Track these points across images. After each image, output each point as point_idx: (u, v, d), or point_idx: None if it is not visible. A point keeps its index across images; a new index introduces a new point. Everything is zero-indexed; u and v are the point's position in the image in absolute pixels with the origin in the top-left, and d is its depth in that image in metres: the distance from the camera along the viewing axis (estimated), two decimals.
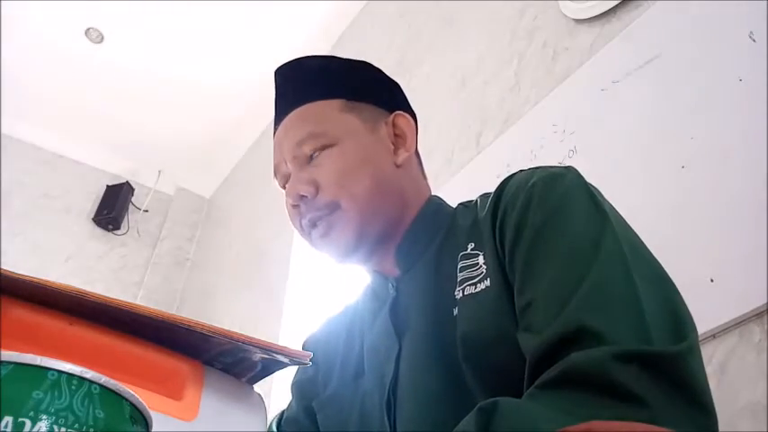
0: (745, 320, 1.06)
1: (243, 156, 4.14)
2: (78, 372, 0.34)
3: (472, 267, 0.68)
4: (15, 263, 3.26)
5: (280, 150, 0.82)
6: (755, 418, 0.97)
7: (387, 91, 0.87)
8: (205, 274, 3.90)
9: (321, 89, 0.82)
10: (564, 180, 0.66)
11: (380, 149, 0.80)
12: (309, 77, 0.84)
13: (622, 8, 1.62)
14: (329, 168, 0.76)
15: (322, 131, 0.78)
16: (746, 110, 1.20)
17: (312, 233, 0.79)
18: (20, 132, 3.88)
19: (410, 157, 0.83)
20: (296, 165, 0.79)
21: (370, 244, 0.77)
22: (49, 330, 0.54)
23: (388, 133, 0.82)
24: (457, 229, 0.75)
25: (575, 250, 0.58)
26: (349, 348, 0.81)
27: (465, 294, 0.67)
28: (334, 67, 0.87)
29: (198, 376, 0.59)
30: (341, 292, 2.64)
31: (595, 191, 0.67)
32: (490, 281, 0.65)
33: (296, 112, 0.81)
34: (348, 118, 0.80)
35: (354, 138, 0.79)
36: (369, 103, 0.83)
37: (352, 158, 0.77)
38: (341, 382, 0.78)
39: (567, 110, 1.64)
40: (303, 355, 0.63)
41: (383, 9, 3.08)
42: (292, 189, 0.78)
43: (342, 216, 0.76)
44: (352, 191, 0.75)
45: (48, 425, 0.32)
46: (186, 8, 3.31)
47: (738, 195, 1.15)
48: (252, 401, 0.63)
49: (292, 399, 0.87)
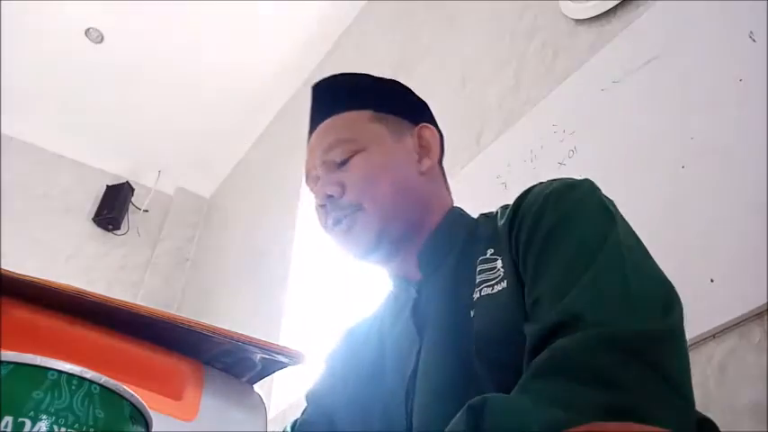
0: (745, 320, 1.06)
1: (243, 156, 4.14)
2: (78, 372, 0.34)
3: (490, 271, 0.71)
4: (15, 263, 3.25)
5: (311, 156, 0.87)
6: (755, 418, 0.97)
7: (413, 105, 0.92)
8: (205, 274, 3.90)
9: (351, 101, 0.87)
10: (578, 189, 0.71)
11: (405, 157, 0.85)
12: (341, 91, 0.90)
13: (622, 8, 1.62)
14: (355, 171, 0.81)
15: (351, 138, 0.83)
16: (746, 110, 1.20)
17: (336, 230, 0.82)
18: (20, 132, 3.88)
19: (434, 167, 0.88)
20: (325, 168, 0.84)
21: (390, 244, 0.81)
22: (49, 330, 0.54)
23: (414, 143, 0.87)
24: (477, 237, 0.78)
25: (579, 251, 0.62)
26: (368, 354, 0.84)
27: (482, 295, 0.70)
28: (365, 82, 0.93)
29: (198, 376, 0.59)
30: (340, 293, 2.64)
31: (608, 201, 0.70)
32: (506, 283, 0.68)
33: (327, 122, 0.86)
34: (376, 127, 0.85)
35: (381, 145, 0.84)
36: (396, 115, 0.88)
37: (378, 163, 0.82)
38: (363, 382, 0.81)
39: (567, 110, 1.64)
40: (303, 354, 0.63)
41: (383, 9, 3.08)
42: (320, 190, 0.83)
43: (364, 215, 0.80)
44: (376, 192, 0.80)
45: (48, 425, 0.32)
46: (186, 8, 3.31)
47: (738, 195, 1.15)
48: (252, 401, 0.63)
49: (308, 406, 0.89)
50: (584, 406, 0.47)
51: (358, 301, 2.46)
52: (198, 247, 4.19)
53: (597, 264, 0.59)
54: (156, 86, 3.74)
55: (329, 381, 0.89)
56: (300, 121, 3.90)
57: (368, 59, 3.03)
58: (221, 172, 4.29)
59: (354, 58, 3.19)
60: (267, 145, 3.88)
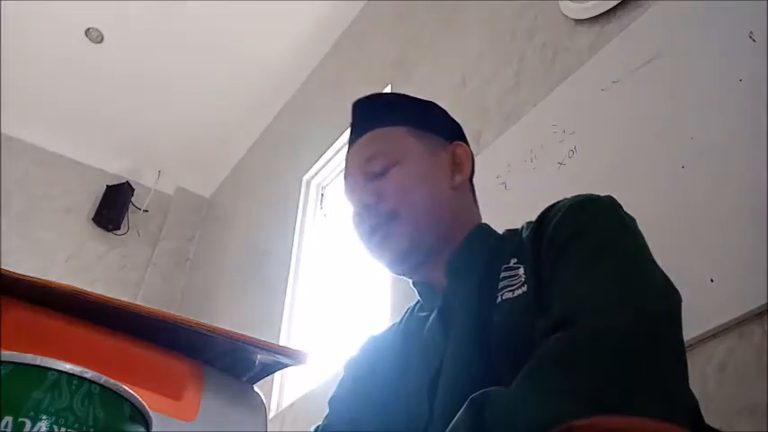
0: (745, 320, 1.06)
1: (243, 156, 4.14)
2: (78, 372, 0.34)
3: (513, 277, 0.74)
4: (15, 263, 3.26)
5: (350, 167, 0.92)
6: (755, 418, 0.97)
7: (448, 125, 0.97)
8: (205, 274, 3.90)
9: (390, 117, 0.92)
10: (597, 202, 0.74)
11: (439, 172, 0.89)
12: (381, 107, 0.96)
13: (622, 8, 1.62)
14: (392, 182, 0.86)
15: (388, 151, 0.88)
16: (746, 110, 1.20)
17: (371, 239, 0.86)
18: (20, 132, 3.88)
19: (465, 183, 0.92)
20: (362, 179, 0.89)
21: (421, 255, 0.84)
22: (49, 330, 0.54)
23: (447, 159, 0.91)
24: (503, 250, 0.81)
25: (589, 259, 0.66)
26: (392, 359, 0.86)
27: (503, 299, 0.73)
28: (403, 100, 0.98)
29: (198, 376, 0.59)
30: (341, 292, 2.64)
31: (627, 216, 0.73)
32: (527, 287, 0.71)
33: (367, 135, 0.92)
34: (412, 142, 0.89)
35: (416, 159, 0.88)
36: (431, 132, 0.92)
37: (413, 176, 0.86)
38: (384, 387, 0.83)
39: (567, 110, 1.64)
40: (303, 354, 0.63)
41: (383, 9, 3.08)
42: (358, 198, 0.88)
43: (399, 224, 0.84)
44: (411, 202, 0.84)
45: (48, 425, 0.32)
46: (186, 8, 3.32)
47: (738, 195, 1.15)
48: (252, 401, 0.63)
49: (330, 412, 0.91)
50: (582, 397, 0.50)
51: (358, 300, 2.46)
52: (198, 247, 4.19)
53: (603, 267, 0.64)
54: (156, 86, 3.74)
55: (351, 386, 0.91)
56: (300, 121, 3.91)
57: (368, 60, 3.03)
58: (221, 172, 4.29)
59: (354, 59, 3.19)
60: (267, 145, 3.88)
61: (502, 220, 0.89)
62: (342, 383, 0.93)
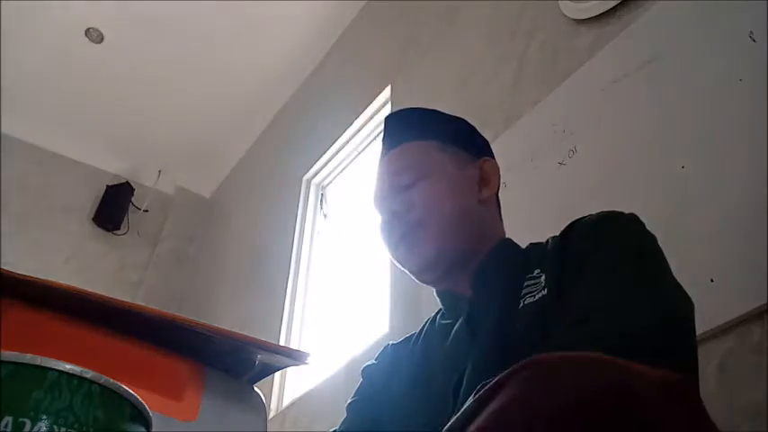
0: (745, 320, 1.06)
1: (243, 156, 4.14)
2: (78, 372, 0.34)
3: (534, 285, 0.77)
4: (15, 263, 3.26)
5: (381, 179, 0.94)
6: (755, 418, 0.97)
7: (476, 140, 1.00)
8: (205, 274, 3.90)
9: (421, 131, 0.95)
10: (619, 219, 0.77)
11: (467, 186, 0.91)
12: (413, 122, 0.98)
13: (622, 8, 1.62)
14: (422, 193, 0.88)
15: (418, 164, 0.90)
16: (746, 110, 1.20)
17: (399, 246, 0.89)
18: (20, 132, 3.88)
19: (492, 198, 0.94)
20: (393, 190, 0.91)
21: (447, 264, 0.86)
22: (49, 330, 0.54)
23: (475, 174, 0.93)
24: (527, 261, 0.83)
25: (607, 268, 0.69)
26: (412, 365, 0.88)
27: (525, 304, 0.75)
28: (434, 116, 1.00)
29: (198, 376, 0.59)
30: (340, 292, 2.64)
31: (649, 233, 0.75)
32: (547, 290, 0.74)
33: (398, 149, 0.94)
34: (441, 156, 0.92)
35: (445, 172, 0.90)
36: (460, 147, 0.95)
37: (443, 188, 0.89)
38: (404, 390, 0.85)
39: (567, 110, 1.64)
40: (303, 354, 0.63)
41: (383, 9, 3.08)
42: (387, 207, 0.91)
43: (427, 233, 0.86)
44: (440, 213, 0.86)
45: (48, 425, 0.32)
46: (186, 8, 3.31)
47: (738, 195, 1.15)
48: (252, 401, 0.63)
49: (348, 416, 0.92)
50: None
51: (357, 300, 2.46)
52: (198, 246, 4.19)
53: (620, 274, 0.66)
54: (155, 86, 3.74)
55: (369, 391, 0.92)
56: (300, 121, 3.91)
57: (368, 60, 3.03)
58: (221, 172, 4.29)
59: (354, 59, 3.19)
60: (267, 145, 3.88)
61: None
62: (360, 389, 0.95)
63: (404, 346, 0.95)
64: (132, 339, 0.58)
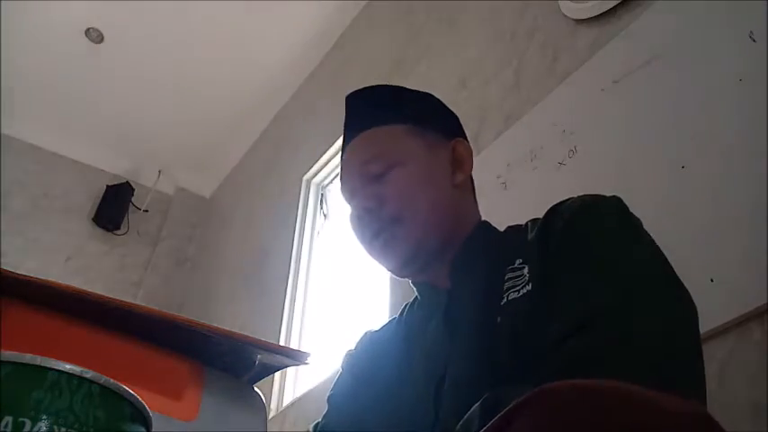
0: (745, 320, 1.06)
1: (243, 156, 4.14)
2: (78, 372, 0.34)
3: (517, 278, 0.73)
4: (15, 263, 3.26)
5: (348, 168, 0.89)
6: (755, 418, 0.97)
7: (447, 120, 0.95)
8: (205, 274, 3.90)
9: (389, 115, 0.89)
10: (604, 204, 0.73)
11: (440, 171, 0.87)
12: (378, 104, 0.92)
13: (622, 8, 1.62)
14: (394, 185, 0.83)
15: (388, 152, 0.85)
16: (746, 110, 1.20)
17: (374, 243, 0.84)
18: (20, 132, 3.88)
19: (466, 181, 0.90)
20: (363, 181, 0.86)
21: (426, 257, 0.83)
22: (49, 330, 0.54)
23: (448, 157, 0.89)
24: (506, 248, 0.79)
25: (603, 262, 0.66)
26: (393, 357, 0.85)
27: (508, 300, 0.72)
28: (400, 95, 0.95)
29: (198, 376, 0.59)
30: (340, 292, 2.64)
31: (634, 218, 0.72)
32: (531, 286, 0.71)
33: (364, 134, 0.88)
34: (411, 141, 0.87)
35: (417, 159, 0.85)
36: (430, 129, 0.89)
37: (416, 177, 0.84)
38: (387, 387, 0.82)
39: (567, 110, 1.64)
40: (303, 354, 0.63)
41: (383, 9, 3.08)
42: (358, 202, 0.86)
43: (404, 229, 0.82)
44: (415, 206, 0.82)
45: (48, 425, 0.32)
46: (186, 8, 3.31)
47: (738, 195, 1.15)
48: (252, 401, 0.63)
49: (329, 410, 0.90)
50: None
51: (357, 300, 2.46)
52: (198, 247, 4.19)
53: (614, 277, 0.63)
54: (155, 86, 3.74)
55: (351, 384, 0.89)
56: (300, 121, 3.91)
57: (368, 60, 3.03)
58: (221, 172, 4.29)
59: (354, 59, 3.19)
60: (267, 145, 3.88)
61: (502, 220, 0.89)
62: (340, 380, 0.91)
63: (383, 334, 0.92)
64: (132, 339, 0.58)
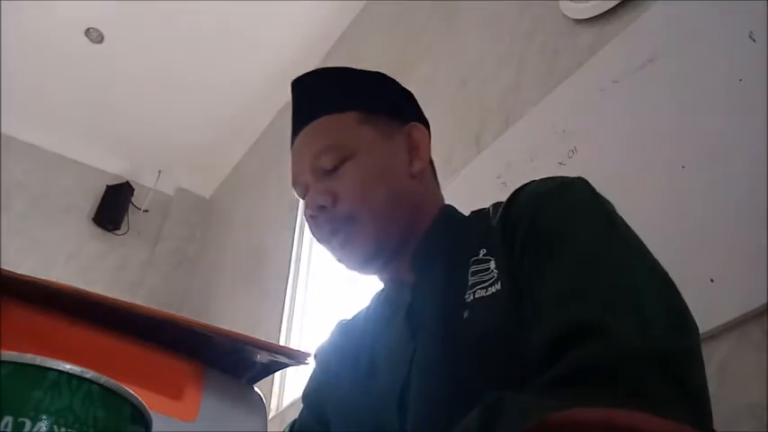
0: (745, 320, 1.06)
1: (243, 156, 4.14)
2: (78, 372, 0.34)
3: (483, 272, 0.69)
4: (15, 263, 3.26)
5: (298, 162, 0.83)
6: (755, 418, 0.97)
7: (401, 102, 0.89)
8: (205, 274, 3.90)
9: (338, 102, 0.83)
10: (573, 189, 0.69)
11: (396, 160, 0.82)
12: (326, 90, 0.86)
13: (622, 8, 1.62)
14: (347, 180, 0.78)
15: (339, 144, 0.80)
16: (746, 110, 1.20)
17: (332, 242, 0.80)
18: (20, 132, 3.88)
19: (425, 167, 0.85)
20: (314, 176, 0.81)
21: (388, 253, 0.79)
22: (49, 330, 0.54)
23: (404, 144, 0.84)
24: (469, 236, 0.76)
25: (580, 255, 0.61)
26: (361, 352, 0.82)
27: (476, 297, 0.68)
28: (351, 79, 0.88)
29: (198, 376, 0.59)
30: (341, 291, 2.64)
31: (604, 200, 0.69)
32: (500, 284, 0.67)
33: (313, 125, 0.83)
34: (364, 130, 0.81)
35: (371, 150, 0.80)
36: (384, 114, 0.84)
37: (370, 170, 0.79)
38: (354, 385, 0.79)
39: (567, 110, 1.64)
40: (303, 354, 0.63)
41: (383, 9, 3.08)
42: (311, 200, 0.80)
43: (360, 227, 0.77)
44: (370, 203, 0.78)
45: (48, 425, 0.32)
46: (186, 8, 3.31)
47: (738, 195, 1.15)
48: (252, 401, 0.63)
49: (303, 408, 0.88)
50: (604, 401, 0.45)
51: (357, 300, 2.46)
52: (198, 247, 4.19)
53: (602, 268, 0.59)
54: (155, 86, 3.74)
55: (323, 378, 0.87)
56: None
57: (367, 60, 3.03)
58: (221, 172, 4.29)
59: (354, 59, 3.19)
60: (267, 145, 3.88)
61: None
62: (312, 377, 0.89)
63: (354, 324, 0.89)
64: (132, 339, 0.58)
